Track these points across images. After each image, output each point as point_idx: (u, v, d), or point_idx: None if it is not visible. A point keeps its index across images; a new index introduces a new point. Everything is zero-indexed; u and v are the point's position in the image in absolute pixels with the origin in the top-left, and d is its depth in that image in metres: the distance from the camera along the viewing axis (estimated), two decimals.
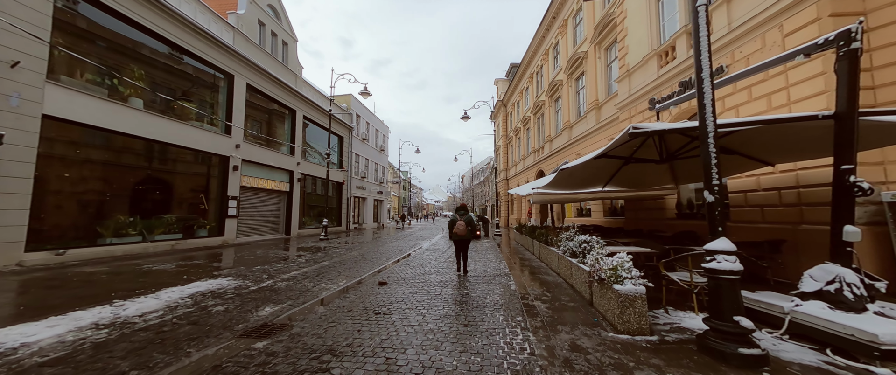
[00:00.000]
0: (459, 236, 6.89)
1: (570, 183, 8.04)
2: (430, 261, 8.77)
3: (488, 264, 8.23)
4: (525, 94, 26.79)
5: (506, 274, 6.94)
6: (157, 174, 11.26)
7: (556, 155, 18.77)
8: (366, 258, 9.52)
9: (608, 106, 12.70)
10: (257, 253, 10.36)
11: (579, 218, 15.28)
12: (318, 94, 21.07)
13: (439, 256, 9.82)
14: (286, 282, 6.10)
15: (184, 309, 4.37)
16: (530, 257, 9.44)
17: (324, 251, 11.12)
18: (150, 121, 10.54)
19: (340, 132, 24.39)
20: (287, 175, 17.78)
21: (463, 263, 7.04)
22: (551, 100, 19.74)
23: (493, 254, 10.11)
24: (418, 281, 6.24)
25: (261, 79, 15.50)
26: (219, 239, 12.92)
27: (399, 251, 11.30)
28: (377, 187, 32.38)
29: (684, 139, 5.63)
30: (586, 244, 4.98)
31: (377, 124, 32.72)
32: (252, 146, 15.01)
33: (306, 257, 9.59)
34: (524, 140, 27.04)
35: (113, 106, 9.46)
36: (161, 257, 9.25)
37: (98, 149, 9.51)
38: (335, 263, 8.48)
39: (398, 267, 7.92)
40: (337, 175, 23.29)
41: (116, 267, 7.54)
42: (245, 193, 14.90)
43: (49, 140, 8.24)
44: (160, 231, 10.97)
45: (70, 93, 8.43)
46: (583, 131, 14.85)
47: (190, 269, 7.32)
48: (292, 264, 8.26)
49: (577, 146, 15.52)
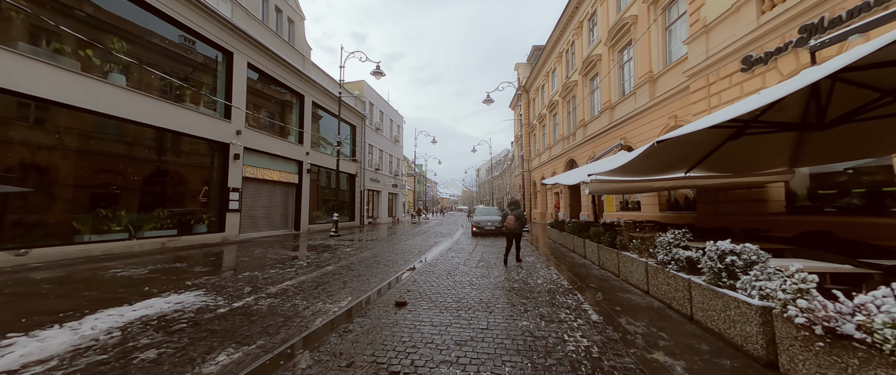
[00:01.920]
0: (510, 229, 7.39)
1: (647, 166, 6.09)
2: (457, 266, 7.04)
3: (534, 272, 6.41)
4: (551, 77, 24.43)
5: (567, 290, 5.12)
6: (146, 163, 9.99)
7: (591, 141, 16.58)
8: (379, 260, 7.90)
9: (668, 77, 10.48)
10: (255, 253, 8.93)
11: (625, 213, 13.16)
12: (328, 79, 19.57)
13: (467, 259, 8.09)
14: (271, 300, 4.51)
15: (90, 358, 2.80)
16: (584, 262, 7.54)
17: (331, 250, 9.60)
18: (136, 101, 9.20)
19: (353, 120, 22.91)
20: (295, 165, 16.43)
21: (516, 252, 7.65)
22: (586, 79, 17.46)
23: (535, 257, 8.27)
24: (450, 300, 4.52)
25: (264, 59, 14.05)
26: (218, 236, 11.66)
27: (418, 250, 9.65)
28: (392, 180, 30.94)
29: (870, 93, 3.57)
30: (737, 257, 2.93)
31: (391, 113, 31.13)
32: (256, 133, 13.65)
33: (309, 258, 8.07)
34: (550, 127, 24.78)
35: (87, 81, 8.13)
36: (143, 258, 7.94)
37: (74, 133, 8.23)
38: (342, 268, 6.88)
39: (420, 275, 6.23)
40: (349, 166, 21.88)
41: (79, 271, 6.20)
42: (248, 185, 13.59)
43: (5, 119, 6.97)
44: (150, 227, 9.72)
45: (29, 62, 7.10)
46: (630, 111, 12.64)
47: (163, 276, 5.88)
48: (289, 269, 6.72)
49: (622, 129, 13.33)
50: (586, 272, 6.39)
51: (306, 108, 17.18)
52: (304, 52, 17.27)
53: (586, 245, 7.74)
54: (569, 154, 20.18)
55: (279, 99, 16.03)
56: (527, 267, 6.94)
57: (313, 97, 17.78)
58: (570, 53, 20.13)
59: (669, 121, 10.16)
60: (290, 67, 15.52)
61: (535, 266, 7.04)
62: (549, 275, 6.07)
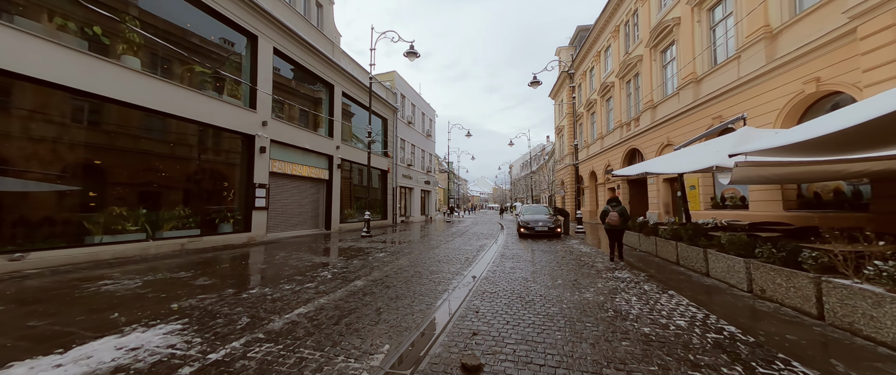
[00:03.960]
0: (613, 225, 7.24)
1: (842, 142, 3.80)
2: (527, 285, 5.16)
3: (651, 299, 4.34)
4: (603, 57, 21.54)
5: (750, 344, 3.05)
6: (166, 156, 9.15)
7: (664, 126, 13.80)
8: (420, 271, 6.22)
9: (799, 29, 7.74)
10: (276, 259, 7.66)
11: (722, 212, 10.40)
12: (358, 68, 18.40)
13: (534, 271, 6.16)
14: (267, 349, 2.93)
15: None
16: (715, 285, 5.26)
17: (363, 255, 8.11)
18: (152, 86, 8.30)
19: (384, 113, 21.67)
20: (325, 160, 15.37)
21: (618, 250, 7.37)
22: (655, 51, 14.64)
23: (630, 273, 6.14)
24: (550, 357, 2.68)
25: (290, 44, 12.99)
26: (244, 236, 10.69)
27: (463, 256, 7.87)
28: (424, 176, 29.54)
29: None
30: None
31: (423, 106, 29.69)
32: (283, 125, 12.63)
33: (336, 267, 6.59)
34: (602, 114, 21.90)
35: (96, 62, 7.25)
36: (152, 263, 6.91)
37: (84, 122, 7.41)
38: (375, 283, 5.27)
39: (482, 300, 4.43)
40: (381, 162, 20.66)
41: (65, 283, 5.13)
42: (276, 181, 12.62)
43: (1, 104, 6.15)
44: (170, 226, 8.84)
45: (25, 38, 6.22)
46: (729, 82, 9.91)
47: (151, 293, 4.61)
48: (309, 284, 5.22)
49: (717, 105, 10.57)
50: (741, 304, 4.21)
51: (336, 99, 16.06)
52: (334, 38, 16.15)
53: (729, 262, 5.34)
54: (629, 143, 17.36)
55: (308, 88, 15.01)
56: (632, 288, 4.88)
57: (343, 87, 16.63)
58: (632, 24, 17.26)
59: (806, 86, 7.47)
60: (318, 54, 14.41)
61: (644, 288, 4.95)
62: (683, 309, 3.99)
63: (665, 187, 14.48)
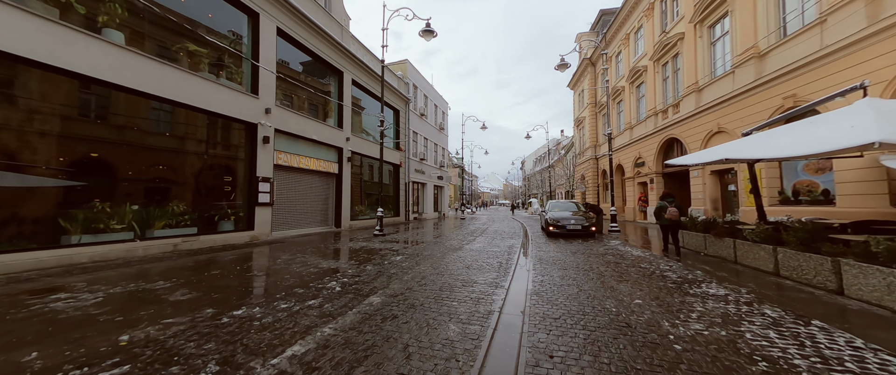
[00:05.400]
0: (671, 220, 7.61)
1: None
2: (592, 301, 3.89)
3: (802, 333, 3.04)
4: (633, 40, 19.80)
5: None
6: (160, 146, 8.17)
7: (711, 111, 12.17)
8: (448, 281, 5.00)
9: None
10: (277, 264, 6.58)
11: (794, 208, 8.80)
12: (368, 54, 17.22)
13: (590, 280, 4.88)
14: None
15: None
16: (861, 307, 3.90)
17: (377, 258, 6.96)
18: (138, 64, 7.28)
19: (396, 104, 20.49)
20: (334, 152, 14.30)
21: (675, 244, 7.67)
22: (701, 27, 12.97)
23: (728, 289, 4.78)
24: None
25: (295, 25, 11.89)
26: (246, 235, 9.70)
27: (495, 260, 6.61)
28: (437, 171, 28.34)
29: None
30: None
31: (436, 98, 28.41)
32: (289, 113, 11.57)
33: (346, 276, 5.44)
34: (631, 103, 20.20)
35: (70, 34, 6.23)
36: (139, 267, 5.91)
37: (61, 105, 6.43)
38: (394, 300, 4.09)
39: (549, 332, 3.20)
40: (393, 155, 19.53)
41: (7, 297, 4.12)
42: (281, 174, 11.61)
43: None
44: (162, 224, 7.87)
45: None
46: (806, 54, 8.31)
47: (105, 316, 3.55)
48: (311, 301, 4.07)
49: (790, 82, 8.97)
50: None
51: (346, 87, 14.93)
52: (343, 21, 14.99)
53: (888, 278, 3.87)
54: (666, 132, 15.72)
55: (315, 74, 13.92)
56: (751, 314, 3.55)
57: (353, 74, 15.49)
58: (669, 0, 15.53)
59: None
60: (326, 37, 13.27)
61: (767, 312, 3.61)
62: (877, 360, 2.67)
63: (713, 180, 12.88)
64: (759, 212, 7.47)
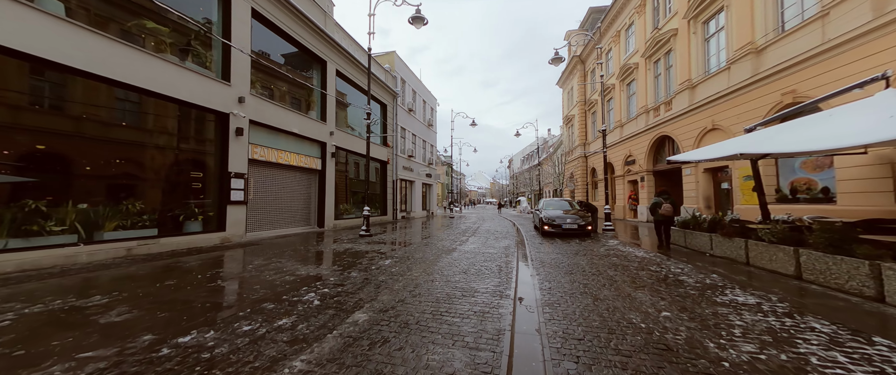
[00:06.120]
0: (665, 216, 8.20)
1: None
2: (614, 313, 3.37)
3: None
4: (623, 37, 19.65)
5: None
6: (114, 137, 7.16)
7: (705, 108, 11.99)
8: (446, 290, 4.37)
9: None
10: (248, 270, 5.77)
11: (792, 206, 8.62)
12: (353, 44, 16.31)
13: (603, 286, 4.36)
14: None
15: None
16: None
17: (363, 263, 6.25)
18: (83, 40, 6.27)
19: (383, 98, 19.63)
20: (317, 147, 13.39)
21: (666, 239, 8.26)
22: (695, 22, 12.79)
23: (773, 303, 4.34)
24: None
25: (273, 7, 10.92)
26: (216, 236, 8.76)
27: (493, 264, 6.02)
28: (426, 169, 27.63)
29: None
30: None
31: (424, 94, 27.65)
32: (266, 103, 10.62)
33: (325, 286, 4.72)
34: (621, 100, 20.09)
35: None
36: (77, 277, 5.00)
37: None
38: (383, 317, 3.43)
39: (579, 361, 2.61)
40: (380, 152, 18.71)
41: None
42: (258, 170, 10.66)
43: None
44: (114, 225, 6.89)
45: None
46: (806, 49, 8.12)
47: (9, 346, 2.72)
48: (281, 324, 3.37)
49: (788, 79, 8.79)
50: None
51: (329, 78, 14.01)
52: (326, 7, 14.03)
53: None
54: (658, 129, 15.59)
55: (295, 62, 12.94)
56: (798, 328, 3.10)
57: (337, 64, 14.57)
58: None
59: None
60: (307, 22, 12.33)
61: (816, 328, 3.16)
62: None
63: (706, 178, 12.76)
64: (763, 211, 7.19)
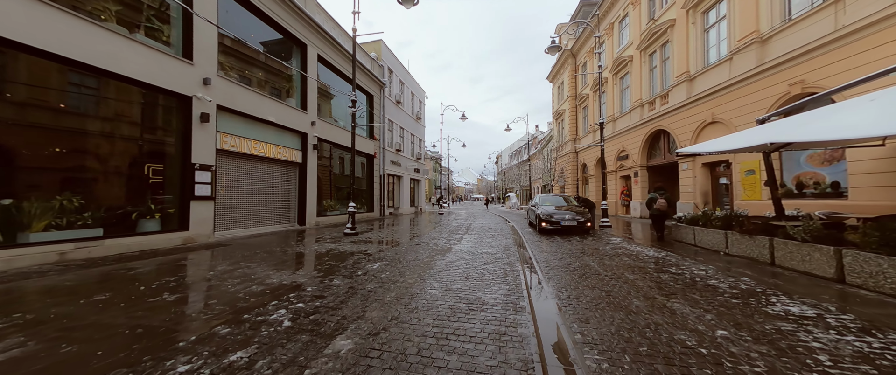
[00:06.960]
0: (661, 211, 8.62)
1: None
2: (657, 330, 2.71)
3: None
4: (618, 28, 19.29)
5: None
6: (47, 123, 5.98)
7: (704, 101, 11.65)
8: (449, 302, 3.62)
9: None
10: (209, 277, 4.84)
11: (799, 201, 8.31)
12: (337, 28, 15.17)
13: (627, 294, 3.73)
14: None
15: None
16: None
17: (347, 268, 5.41)
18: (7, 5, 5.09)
19: (370, 88, 18.57)
20: (298, 138, 12.32)
21: (659, 233, 8.59)
22: (694, 12, 12.41)
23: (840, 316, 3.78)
24: None
25: None
26: (177, 236, 7.68)
27: (496, 267, 5.31)
28: (414, 163, 26.72)
29: None
30: None
31: (412, 85, 26.64)
32: (237, 87, 9.50)
33: (301, 299, 3.88)
34: (614, 94, 19.78)
35: None
36: None
37: None
38: (373, 342, 2.64)
39: None
40: (367, 145, 17.70)
41: None
42: (229, 162, 9.55)
43: None
44: (43, 224, 5.76)
45: None
46: (815, 38, 7.75)
47: None
48: (232, 359, 2.52)
49: (794, 69, 8.43)
50: None
51: (310, 63, 12.89)
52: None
53: None
54: (654, 123, 15.28)
55: (273, 45, 11.77)
56: (883, 352, 2.52)
57: (318, 49, 13.45)
58: None
59: None
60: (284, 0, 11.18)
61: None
62: None
63: (704, 173, 12.49)
64: (777, 207, 6.77)
